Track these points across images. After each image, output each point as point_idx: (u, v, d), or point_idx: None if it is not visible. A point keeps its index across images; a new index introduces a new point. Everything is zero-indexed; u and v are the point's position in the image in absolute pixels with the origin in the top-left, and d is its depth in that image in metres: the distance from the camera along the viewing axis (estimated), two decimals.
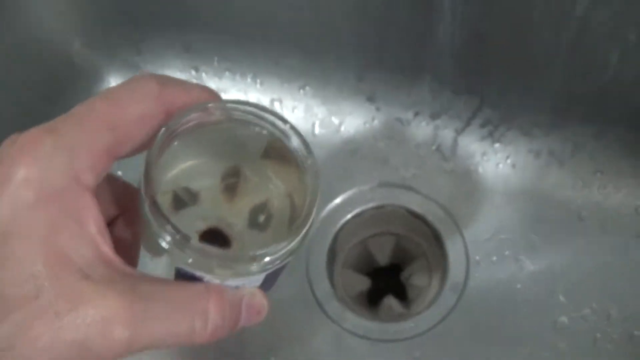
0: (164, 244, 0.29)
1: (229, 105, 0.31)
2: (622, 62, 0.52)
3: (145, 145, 0.30)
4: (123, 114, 0.29)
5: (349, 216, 0.59)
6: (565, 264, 0.58)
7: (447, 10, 0.53)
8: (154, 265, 0.31)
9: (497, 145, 0.60)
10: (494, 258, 0.58)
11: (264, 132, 0.32)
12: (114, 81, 0.62)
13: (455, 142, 0.60)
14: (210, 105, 0.31)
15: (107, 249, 0.28)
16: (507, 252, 0.58)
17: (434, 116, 0.60)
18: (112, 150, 0.29)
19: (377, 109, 0.61)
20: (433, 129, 0.60)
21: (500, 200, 0.59)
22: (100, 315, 0.26)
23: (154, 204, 0.28)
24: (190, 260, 0.29)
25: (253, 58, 0.60)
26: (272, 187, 0.33)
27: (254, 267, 0.30)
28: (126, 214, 0.33)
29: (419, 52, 0.57)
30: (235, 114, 0.31)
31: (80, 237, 0.27)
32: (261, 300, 0.32)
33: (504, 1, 0.52)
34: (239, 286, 0.31)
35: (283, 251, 0.30)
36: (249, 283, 0.31)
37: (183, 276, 0.30)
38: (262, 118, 0.32)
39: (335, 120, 0.61)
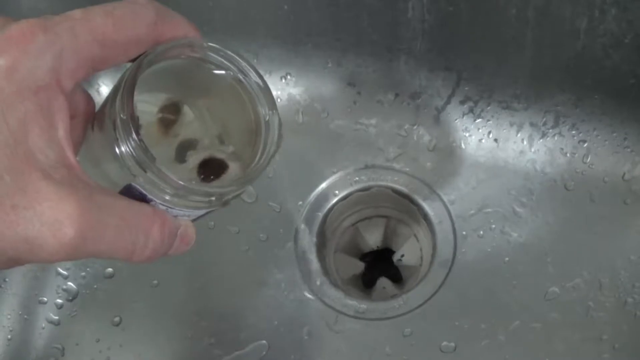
0: (123, 159, 0.29)
1: (209, 45, 0.32)
2: (591, 28, 0.52)
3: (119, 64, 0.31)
4: (117, 35, 0.29)
5: (335, 199, 0.60)
6: (553, 235, 0.58)
7: None
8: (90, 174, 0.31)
9: (478, 120, 0.60)
10: (481, 232, 0.58)
11: (224, 73, 0.32)
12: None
13: (436, 120, 0.61)
14: (192, 42, 0.32)
15: (70, 154, 0.28)
16: (493, 226, 0.58)
17: (414, 96, 0.61)
18: (96, 64, 0.29)
19: (358, 93, 0.62)
20: (414, 108, 0.61)
21: (484, 175, 0.60)
22: (55, 216, 0.26)
23: (131, 120, 0.29)
24: (148, 181, 0.30)
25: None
26: (206, 127, 0.34)
27: (206, 203, 0.31)
28: (77, 117, 0.33)
29: (392, 34, 0.57)
30: (211, 55, 0.32)
31: (48, 138, 0.27)
32: (192, 232, 0.33)
33: None
34: (178, 216, 0.32)
35: (233, 194, 0.31)
36: (189, 215, 0.32)
37: (131, 193, 0.30)
38: (234, 62, 0.32)
39: (318, 107, 0.62)
